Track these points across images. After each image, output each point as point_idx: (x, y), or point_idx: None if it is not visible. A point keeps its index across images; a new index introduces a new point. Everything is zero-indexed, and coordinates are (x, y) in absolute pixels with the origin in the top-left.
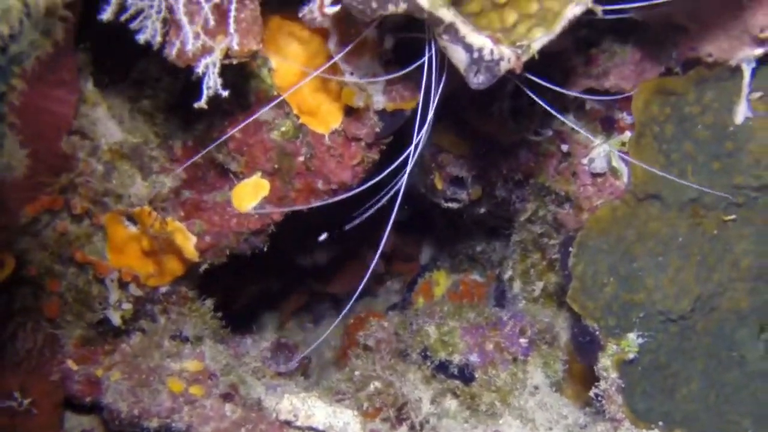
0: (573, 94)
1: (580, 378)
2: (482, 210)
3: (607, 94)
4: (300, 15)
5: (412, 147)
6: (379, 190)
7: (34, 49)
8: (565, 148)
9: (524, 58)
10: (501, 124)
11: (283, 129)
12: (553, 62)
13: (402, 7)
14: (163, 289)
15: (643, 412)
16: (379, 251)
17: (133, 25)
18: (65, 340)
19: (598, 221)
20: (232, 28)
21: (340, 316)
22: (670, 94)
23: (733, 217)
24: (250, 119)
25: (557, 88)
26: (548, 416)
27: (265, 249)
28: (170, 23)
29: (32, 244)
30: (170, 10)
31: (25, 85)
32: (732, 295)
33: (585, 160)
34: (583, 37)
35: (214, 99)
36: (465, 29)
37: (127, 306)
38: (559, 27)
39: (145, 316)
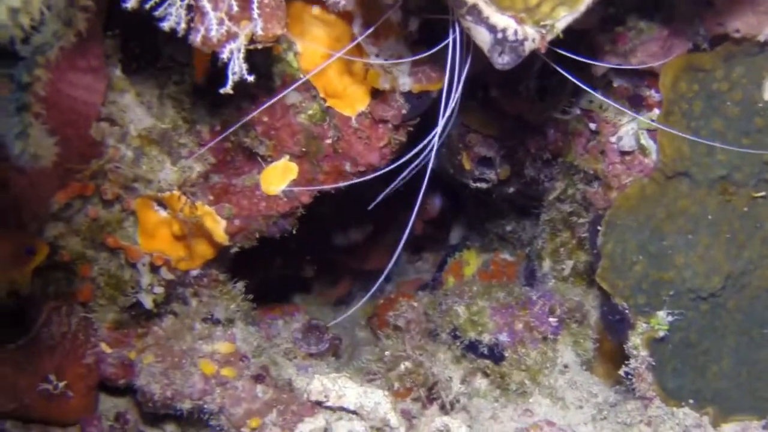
0: (602, 64)
1: (611, 356)
2: (511, 189)
3: (634, 73)
4: None
5: (438, 128)
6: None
7: (57, 39)
8: (593, 126)
9: (549, 38)
10: (528, 103)
11: (310, 112)
12: (578, 41)
13: None
14: (194, 273)
15: (674, 389)
16: (406, 233)
17: (158, 13)
18: (99, 324)
19: (627, 199)
20: (255, 13)
21: (367, 296)
22: (698, 71)
23: (763, 193)
24: (274, 99)
25: (586, 60)
26: (578, 395)
27: (294, 231)
28: (195, 9)
29: (65, 230)
30: None
31: (49, 75)
32: (763, 272)
33: (613, 138)
34: (609, 16)
35: (240, 84)
36: (488, 10)
37: (159, 290)
38: (583, 6)
39: (177, 300)
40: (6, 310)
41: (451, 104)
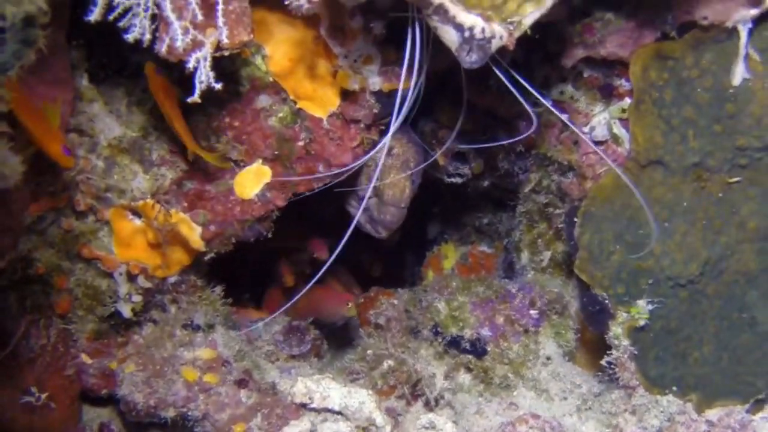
0: None
1: (593, 346)
2: (486, 183)
3: (604, 63)
4: (286, 2)
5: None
6: None
7: (18, 59)
8: (565, 117)
9: (516, 35)
10: (499, 97)
11: (280, 115)
12: (547, 33)
13: None
14: (172, 280)
15: (657, 377)
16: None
17: (122, 24)
18: (78, 335)
19: (602, 189)
20: (221, 21)
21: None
22: (668, 59)
23: (737, 179)
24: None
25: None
26: (562, 386)
27: (269, 235)
28: (159, 19)
29: (39, 242)
30: (158, 6)
31: (12, 94)
32: (740, 257)
33: (586, 129)
34: (577, 7)
35: (209, 90)
36: (454, 9)
37: (137, 298)
38: (550, 0)
39: (156, 307)
40: None
41: (407, 99)
